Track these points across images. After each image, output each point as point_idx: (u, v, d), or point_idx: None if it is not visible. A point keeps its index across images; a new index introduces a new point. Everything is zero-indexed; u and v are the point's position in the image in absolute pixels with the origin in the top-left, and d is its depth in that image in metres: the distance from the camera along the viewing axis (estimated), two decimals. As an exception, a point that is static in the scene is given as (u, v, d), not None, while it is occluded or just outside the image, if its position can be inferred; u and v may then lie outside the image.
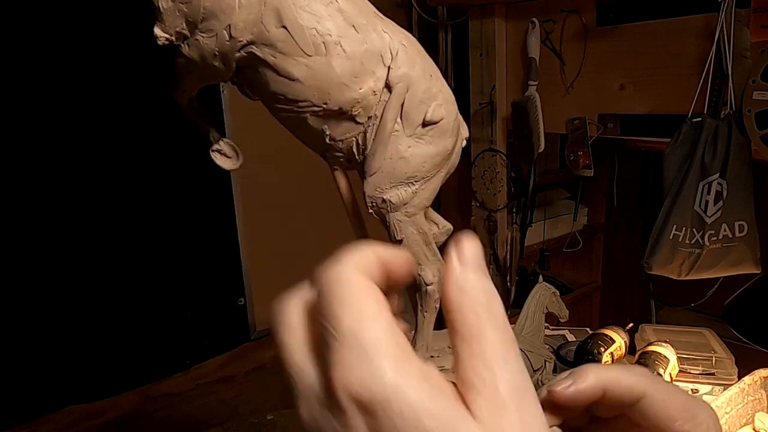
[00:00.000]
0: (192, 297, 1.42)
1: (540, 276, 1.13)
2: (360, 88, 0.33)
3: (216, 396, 1.52)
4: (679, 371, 1.00)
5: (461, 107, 0.44)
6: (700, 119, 1.26)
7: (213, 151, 0.37)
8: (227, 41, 0.31)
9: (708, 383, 1.01)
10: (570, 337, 1.43)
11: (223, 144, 0.38)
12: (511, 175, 1.73)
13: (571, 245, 1.91)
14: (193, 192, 1.37)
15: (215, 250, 1.45)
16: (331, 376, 0.21)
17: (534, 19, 1.50)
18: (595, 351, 0.93)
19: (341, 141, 0.35)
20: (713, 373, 1.01)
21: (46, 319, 1.21)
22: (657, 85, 1.35)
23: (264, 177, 1.49)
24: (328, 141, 0.35)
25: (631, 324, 1.12)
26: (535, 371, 1.01)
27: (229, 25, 0.30)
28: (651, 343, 1.01)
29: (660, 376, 0.90)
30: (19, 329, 1.18)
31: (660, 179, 1.33)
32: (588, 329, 1.46)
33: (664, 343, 1.01)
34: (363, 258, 0.23)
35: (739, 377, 0.92)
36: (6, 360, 1.16)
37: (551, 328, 1.46)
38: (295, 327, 0.23)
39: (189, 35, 0.31)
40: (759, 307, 0.84)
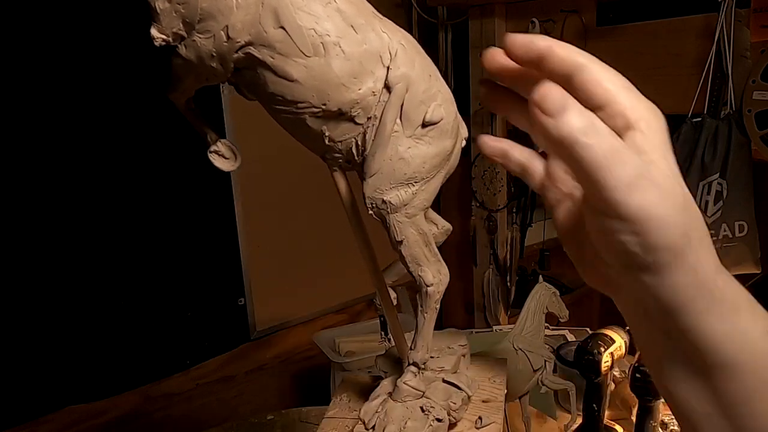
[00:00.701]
0: (192, 297, 1.42)
1: (540, 276, 1.13)
2: (359, 88, 0.33)
3: (216, 396, 1.52)
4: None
5: (461, 107, 0.44)
6: (700, 119, 1.26)
7: (211, 153, 0.37)
8: (225, 42, 0.31)
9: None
10: (570, 337, 1.43)
11: (221, 145, 0.38)
12: (511, 175, 1.72)
13: (571, 245, 1.90)
14: (193, 192, 1.38)
15: (215, 250, 1.45)
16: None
17: (534, 19, 1.50)
18: (595, 351, 0.93)
19: (340, 142, 0.35)
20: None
21: (46, 319, 1.21)
22: (657, 85, 1.35)
23: (264, 177, 1.49)
24: (327, 142, 0.35)
25: (631, 324, 1.11)
26: (535, 371, 1.01)
27: (227, 26, 0.30)
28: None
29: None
30: (19, 329, 1.18)
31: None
32: (588, 329, 1.46)
33: (664, 343, 1.00)
34: None
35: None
36: (6, 360, 1.16)
37: (551, 328, 1.46)
38: None
39: (186, 36, 0.31)
40: (759, 308, 0.84)
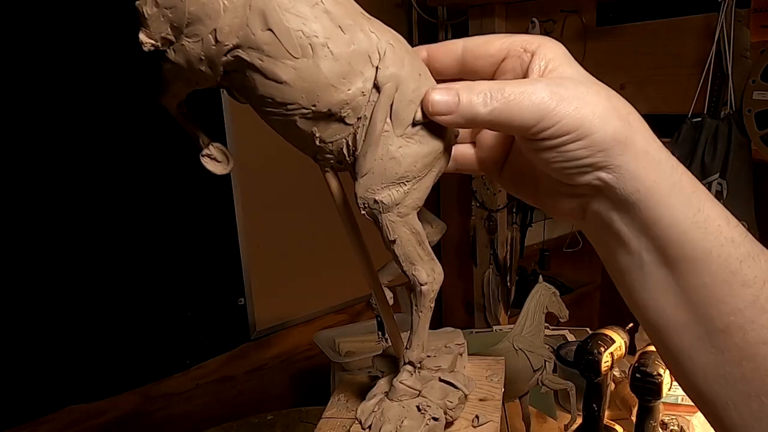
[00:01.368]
0: (192, 297, 1.42)
1: (540, 276, 1.13)
2: (348, 89, 0.33)
3: (216, 396, 1.52)
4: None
5: (461, 107, 0.43)
6: (700, 119, 1.25)
7: (203, 156, 0.37)
8: (213, 46, 0.31)
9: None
10: (570, 337, 1.43)
11: (213, 149, 0.37)
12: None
13: (571, 245, 1.90)
14: (193, 192, 1.38)
15: (215, 250, 1.45)
16: None
17: (534, 19, 1.50)
18: (595, 351, 0.92)
19: (331, 143, 0.35)
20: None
21: (46, 319, 1.21)
22: (657, 85, 1.35)
23: (264, 177, 1.49)
24: (318, 143, 0.35)
25: (631, 324, 1.11)
26: (535, 371, 1.01)
27: (215, 30, 0.30)
28: (651, 343, 1.01)
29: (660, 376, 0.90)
30: (19, 329, 1.18)
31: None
32: (588, 329, 1.46)
33: (663, 344, 1.00)
34: None
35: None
36: (6, 360, 1.17)
37: (551, 328, 1.45)
38: None
39: (175, 41, 0.31)
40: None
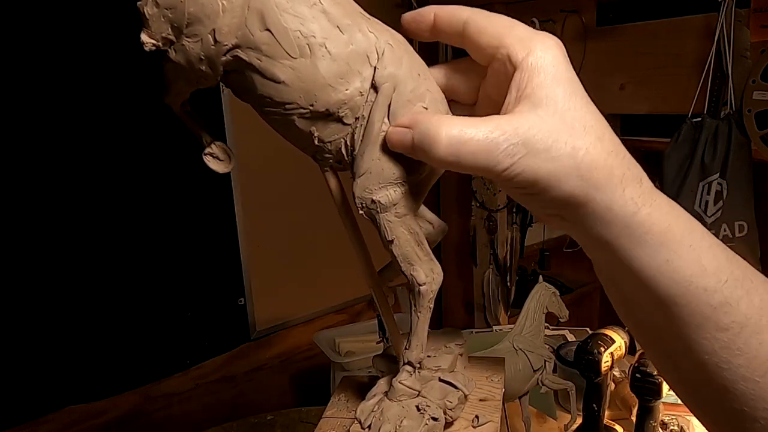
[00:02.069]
0: (192, 297, 1.42)
1: (540, 276, 1.13)
2: (346, 89, 0.33)
3: (216, 396, 1.52)
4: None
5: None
6: (700, 119, 1.25)
7: (205, 155, 0.37)
8: (212, 46, 0.31)
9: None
10: (570, 337, 1.44)
11: (215, 147, 0.38)
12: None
13: (571, 245, 1.90)
14: (193, 192, 1.38)
15: (215, 250, 1.45)
16: None
17: (534, 19, 1.50)
18: (595, 351, 0.92)
19: (330, 142, 0.35)
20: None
21: (46, 319, 1.21)
22: (657, 85, 1.35)
23: (264, 177, 1.49)
24: (316, 143, 0.35)
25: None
26: (535, 371, 1.01)
27: (214, 30, 0.30)
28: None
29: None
30: (19, 329, 1.18)
31: (660, 179, 1.33)
32: (588, 329, 1.46)
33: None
34: None
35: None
36: (6, 360, 1.17)
37: (551, 328, 1.46)
38: None
39: (175, 41, 0.31)
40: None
